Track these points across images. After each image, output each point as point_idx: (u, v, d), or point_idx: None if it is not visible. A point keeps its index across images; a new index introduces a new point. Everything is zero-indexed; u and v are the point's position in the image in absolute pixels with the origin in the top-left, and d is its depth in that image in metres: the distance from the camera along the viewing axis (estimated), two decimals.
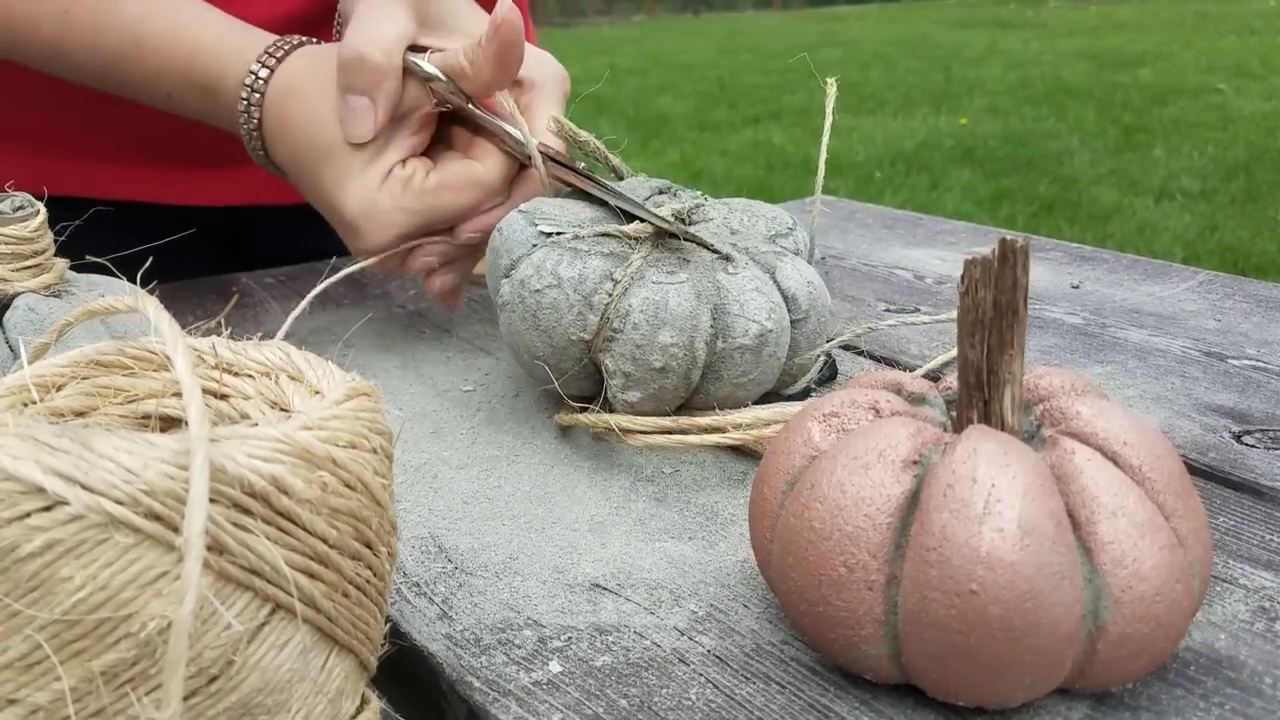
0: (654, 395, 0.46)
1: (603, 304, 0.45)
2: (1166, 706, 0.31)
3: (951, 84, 5.94)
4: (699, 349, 0.45)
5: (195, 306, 0.68)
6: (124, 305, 0.26)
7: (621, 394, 0.46)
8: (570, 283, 0.45)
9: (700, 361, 0.45)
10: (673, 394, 0.46)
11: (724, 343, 0.45)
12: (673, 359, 0.44)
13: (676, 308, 0.44)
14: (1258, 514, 0.41)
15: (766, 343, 0.46)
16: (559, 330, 0.46)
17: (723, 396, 0.46)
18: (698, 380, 0.46)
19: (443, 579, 0.39)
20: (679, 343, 0.44)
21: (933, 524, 0.29)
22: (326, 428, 0.25)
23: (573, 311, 0.45)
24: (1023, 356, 0.32)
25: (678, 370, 0.45)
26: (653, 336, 0.44)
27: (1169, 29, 8.05)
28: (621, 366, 0.45)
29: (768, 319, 0.45)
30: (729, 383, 0.46)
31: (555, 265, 0.46)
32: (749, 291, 0.46)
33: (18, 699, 0.21)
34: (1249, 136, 4.26)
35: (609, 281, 0.45)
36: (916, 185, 3.81)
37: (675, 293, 0.45)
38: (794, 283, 0.48)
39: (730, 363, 0.45)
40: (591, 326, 0.45)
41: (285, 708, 0.24)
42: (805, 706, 0.32)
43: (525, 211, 0.50)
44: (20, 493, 0.21)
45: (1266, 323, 0.61)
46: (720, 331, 0.45)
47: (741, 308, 0.45)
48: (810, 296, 0.48)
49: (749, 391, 0.47)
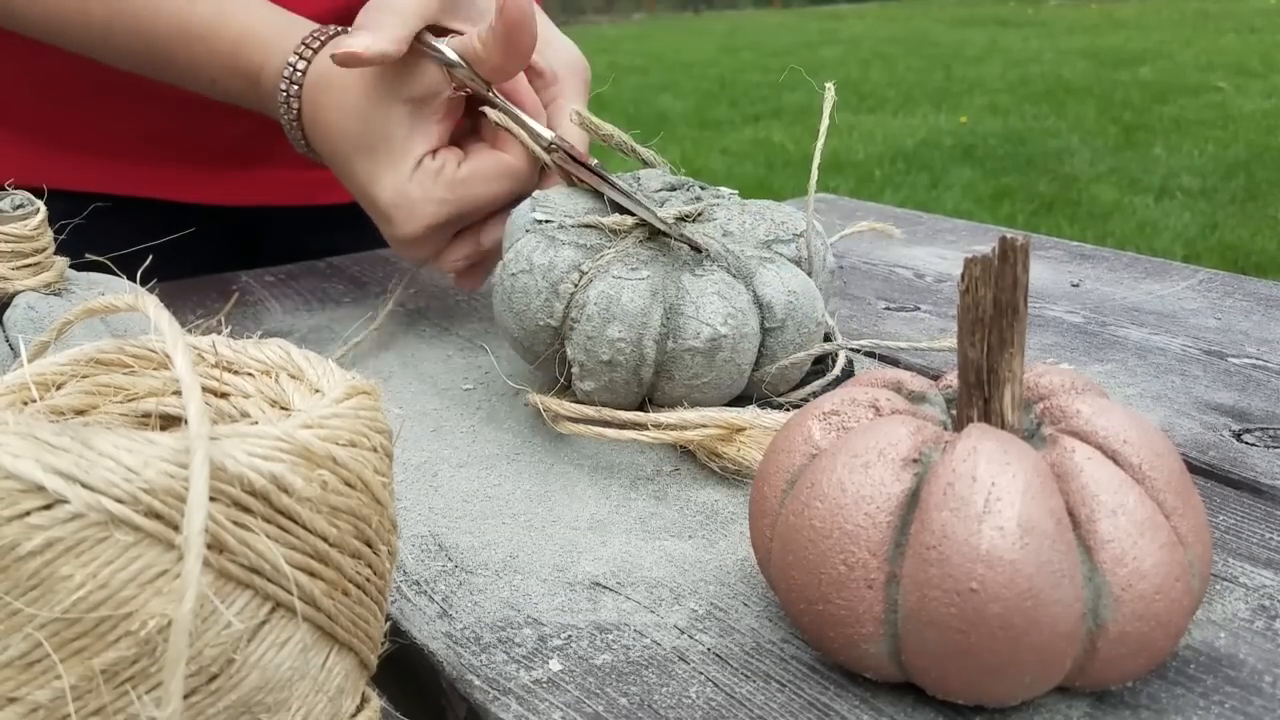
0: (607, 387, 0.47)
1: (568, 293, 0.47)
2: (1166, 705, 0.31)
3: (952, 82, 5.93)
4: (648, 346, 0.46)
5: (195, 305, 0.68)
6: (124, 303, 0.26)
7: (579, 382, 0.47)
8: (541, 270, 0.47)
9: (650, 359, 0.46)
10: (624, 388, 0.47)
11: (674, 343, 0.46)
12: (620, 353, 0.46)
13: (628, 304, 0.45)
14: (1257, 512, 0.41)
15: (720, 348, 0.46)
16: (529, 315, 0.47)
17: (678, 396, 0.47)
18: (650, 378, 0.47)
19: (443, 577, 0.39)
20: (626, 338, 0.45)
21: (933, 522, 0.29)
22: (326, 426, 0.25)
23: (540, 298, 0.47)
24: (1023, 355, 0.32)
25: (625, 365, 0.46)
26: (602, 330, 0.45)
27: (1169, 27, 8.05)
28: (577, 356, 0.46)
29: (723, 324, 0.46)
30: (681, 383, 0.47)
31: (531, 251, 0.48)
32: (709, 295, 0.46)
33: (18, 697, 0.21)
34: (1249, 135, 4.26)
35: (576, 272, 0.47)
36: (917, 184, 3.81)
37: (630, 289, 0.45)
38: (772, 290, 0.47)
39: (681, 364, 0.46)
40: (558, 314, 0.47)
41: (285, 706, 0.24)
42: (805, 705, 0.32)
43: (535, 198, 0.52)
44: (20, 491, 0.21)
45: (1266, 321, 0.61)
46: (671, 332, 0.46)
47: (696, 310, 0.46)
48: (789, 306, 0.47)
49: (706, 394, 0.47)
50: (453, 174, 0.55)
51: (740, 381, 0.48)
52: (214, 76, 0.61)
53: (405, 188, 0.55)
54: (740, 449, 0.44)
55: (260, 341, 0.30)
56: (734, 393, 0.48)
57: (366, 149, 0.56)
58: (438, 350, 0.60)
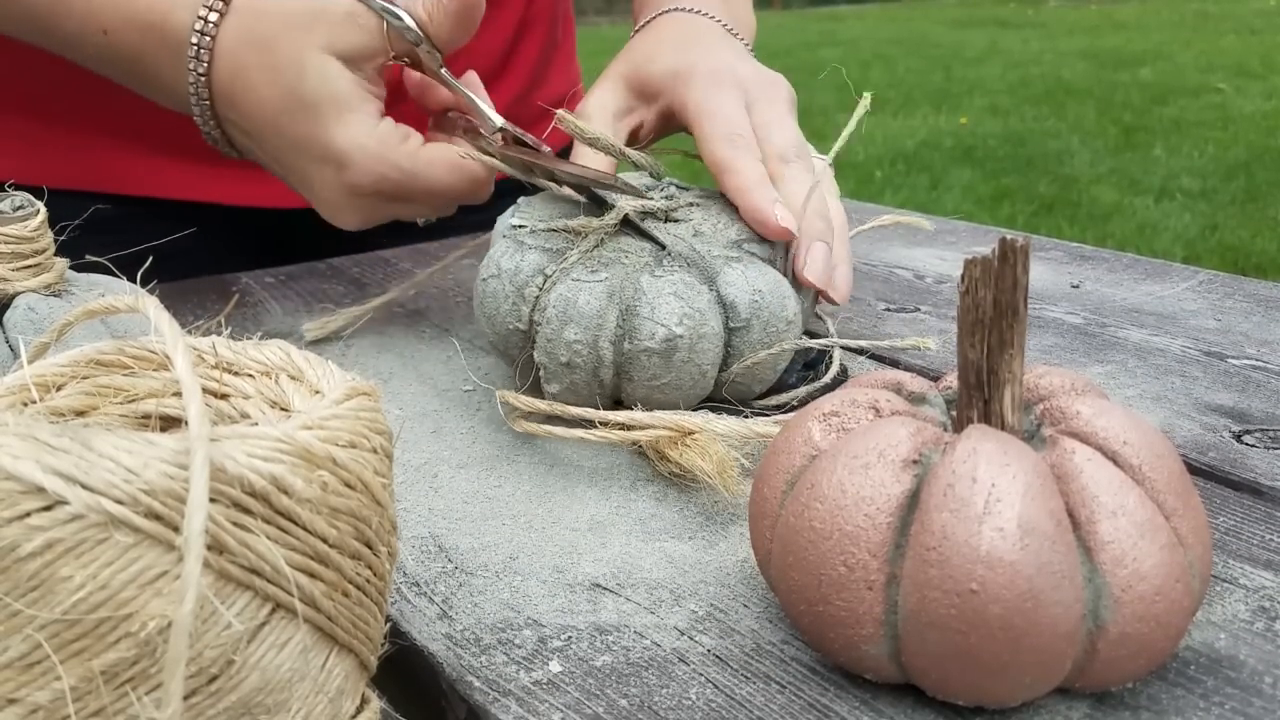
0: (570, 389, 0.47)
1: (533, 297, 0.48)
2: (1166, 706, 0.31)
3: (951, 83, 5.94)
4: (604, 348, 0.46)
5: (195, 306, 0.68)
6: (124, 305, 0.26)
7: (545, 385, 0.48)
8: (508, 274, 0.48)
9: (607, 361, 0.46)
10: (586, 389, 0.47)
11: (630, 344, 0.46)
12: (577, 355, 0.46)
13: (584, 306, 0.46)
14: (1258, 514, 0.41)
15: (676, 348, 0.46)
16: (499, 319, 0.48)
17: (641, 397, 0.47)
18: (611, 379, 0.47)
19: (443, 578, 0.39)
20: (583, 340, 0.46)
21: (933, 523, 0.29)
22: (326, 427, 0.25)
23: (508, 302, 0.48)
24: (1023, 356, 0.32)
25: (584, 367, 0.46)
26: (560, 332, 0.46)
27: (1169, 28, 8.05)
28: (541, 359, 0.47)
29: (678, 324, 0.46)
30: (642, 384, 0.47)
31: (500, 256, 0.49)
32: (665, 295, 0.46)
33: (18, 698, 0.21)
34: (1249, 136, 4.26)
35: (540, 276, 0.48)
36: (917, 185, 3.81)
37: (587, 291, 0.46)
38: (736, 290, 0.47)
39: (638, 365, 0.46)
40: (525, 318, 0.48)
41: (285, 707, 0.24)
42: (805, 706, 0.32)
43: (518, 204, 0.53)
44: (20, 492, 0.21)
45: (1267, 322, 0.61)
46: (627, 333, 0.46)
47: (652, 311, 0.46)
48: (754, 305, 0.47)
49: (669, 395, 0.47)
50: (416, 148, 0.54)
51: (704, 383, 0.48)
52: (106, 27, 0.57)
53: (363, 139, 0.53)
54: (684, 453, 0.44)
55: (260, 343, 0.30)
56: (700, 394, 0.48)
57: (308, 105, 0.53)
58: (438, 351, 0.60)
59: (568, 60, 0.92)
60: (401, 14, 0.53)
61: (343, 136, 0.54)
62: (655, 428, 0.44)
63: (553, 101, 0.88)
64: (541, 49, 0.88)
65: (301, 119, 0.54)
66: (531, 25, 0.86)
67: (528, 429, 0.46)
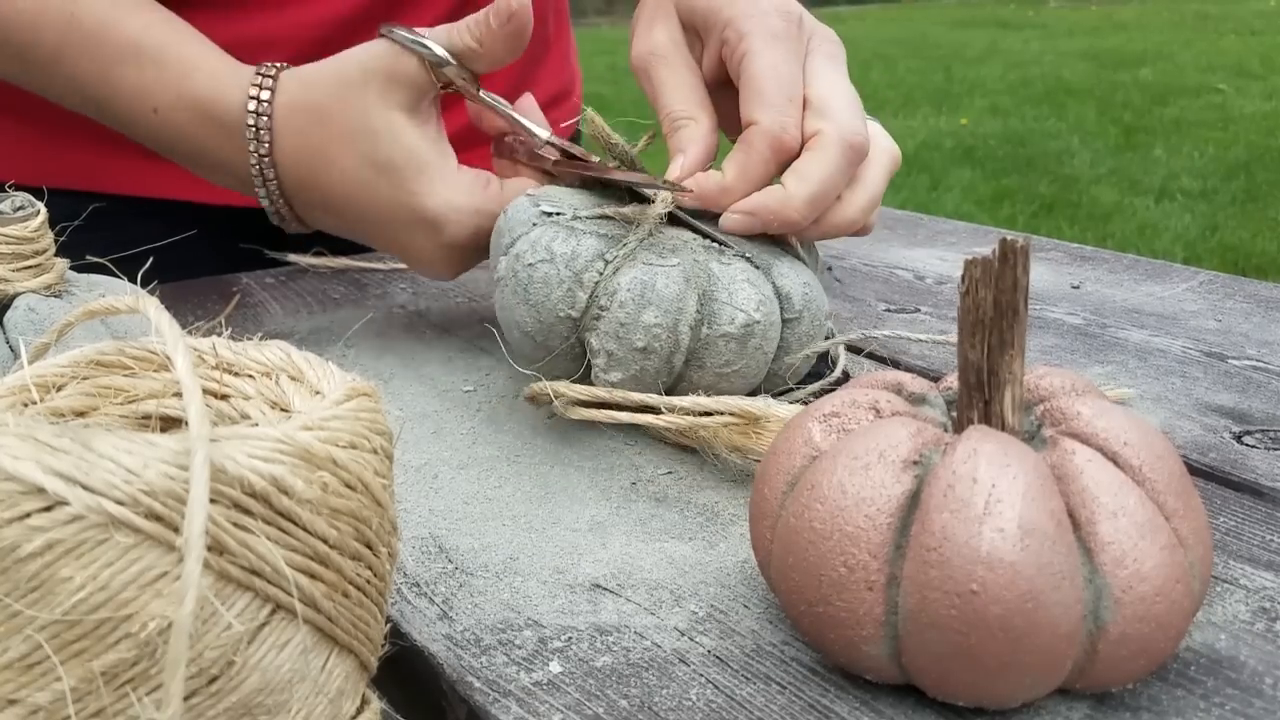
0: (635, 376, 0.46)
1: (592, 282, 0.46)
2: (1167, 707, 0.31)
3: (952, 84, 5.94)
4: (683, 332, 0.45)
5: (196, 307, 0.68)
6: (124, 305, 0.26)
7: (604, 374, 0.46)
8: (563, 259, 0.46)
9: (683, 346, 0.45)
10: (654, 377, 0.46)
11: (709, 329, 0.45)
12: (655, 339, 0.45)
13: (664, 289, 0.45)
14: (1258, 514, 0.41)
15: (753, 334, 0.46)
16: (547, 306, 0.46)
17: (706, 385, 0.47)
18: (680, 366, 0.46)
19: (443, 579, 0.39)
20: (663, 324, 0.45)
21: (933, 524, 0.29)
22: (327, 428, 0.25)
23: (562, 287, 0.46)
24: (1023, 356, 0.32)
25: (660, 352, 0.45)
26: (637, 316, 0.45)
27: (1169, 29, 8.05)
28: (605, 345, 0.46)
29: (756, 310, 0.46)
30: (711, 371, 0.46)
31: (550, 241, 0.47)
32: (739, 281, 0.46)
33: (18, 699, 0.21)
34: (1249, 136, 4.26)
35: (600, 260, 0.46)
36: (917, 185, 3.81)
37: (664, 274, 0.45)
38: (790, 282, 0.48)
39: (714, 350, 0.46)
40: (580, 304, 0.46)
41: (285, 708, 0.24)
42: (805, 707, 0.32)
43: (532, 194, 0.51)
44: (21, 493, 0.21)
45: (1267, 323, 0.61)
46: (706, 317, 0.46)
47: (730, 296, 0.45)
48: (805, 298, 0.48)
49: (732, 383, 0.47)
50: (497, 192, 0.54)
51: (763, 373, 0.48)
52: (158, 105, 0.57)
53: (452, 198, 0.53)
54: (758, 440, 0.43)
55: (260, 343, 0.30)
56: (756, 383, 0.48)
57: (389, 170, 0.53)
58: (438, 352, 0.60)
59: (561, 60, 0.89)
60: (428, 44, 0.53)
61: (432, 200, 0.54)
62: (722, 413, 0.44)
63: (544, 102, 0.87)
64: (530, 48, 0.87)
65: (385, 186, 0.54)
66: None
67: (585, 416, 0.45)
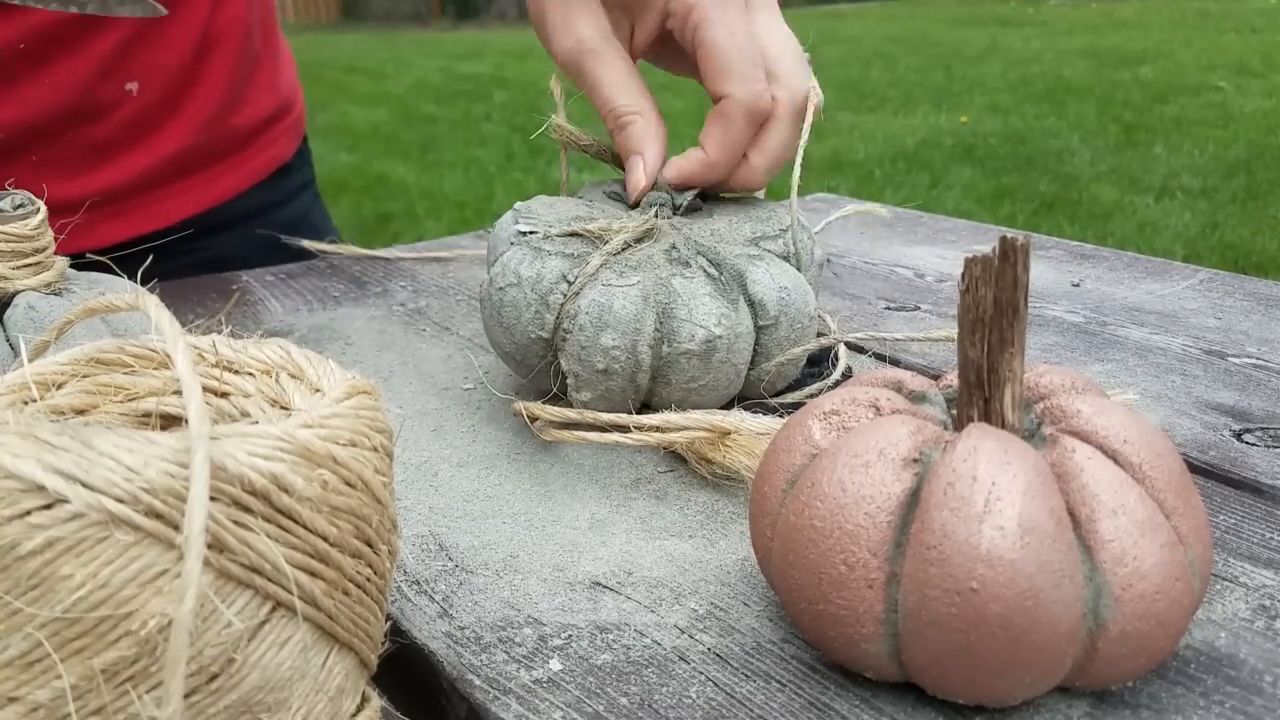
0: (603, 396, 0.46)
1: (558, 304, 0.46)
2: (1166, 704, 0.31)
3: (952, 82, 5.93)
4: (642, 352, 0.45)
5: (196, 304, 0.68)
6: (124, 303, 0.26)
7: (575, 393, 0.47)
8: (528, 282, 0.47)
9: (645, 365, 0.46)
10: (621, 395, 0.46)
11: (669, 347, 0.46)
12: (615, 361, 0.45)
13: (620, 310, 0.45)
14: (1258, 512, 0.41)
15: (715, 349, 0.46)
16: (519, 328, 0.47)
17: (676, 400, 0.47)
18: (647, 383, 0.46)
19: (443, 577, 0.39)
20: (621, 345, 0.45)
21: (933, 522, 0.29)
22: (327, 426, 0.25)
23: (530, 310, 0.46)
24: (1023, 354, 0.32)
25: (621, 373, 0.46)
26: (596, 338, 0.45)
27: (1170, 27, 8.04)
28: (572, 366, 0.46)
29: (717, 325, 0.45)
30: (679, 387, 0.46)
31: (518, 265, 0.47)
32: (700, 296, 0.46)
33: (18, 697, 0.21)
34: (1249, 134, 4.26)
35: (564, 282, 0.46)
36: (917, 183, 3.81)
37: (621, 295, 0.45)
38: (763, 288, 0.47)
39: (677, 367, 0.46)
40: (549, 325, 0.46)
41: (286, 706, 0.24)
42: (805, 704, 0.32)
43: (517, 209, 0.52)
44: (21, 491, 0.21)
45: (1267, 321, 0.61)
46: (666, 335, 0.46)
47: (690, 313, 0.45)
48: (782, 303, 0.47)
49: (704, 397, 0.47)
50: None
51: (737, 382, 0.48)
52: None
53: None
54: (727, 454, 0.43)
55: (260, 341, 0.30)
56: (732, 394, 0.48)
57: None
58: (438, 350, 0.60)
59: (274, 76, 0.84)
60: None
61: None
62: (691, 429, 0.44)
63: (259, 121, 0.80)
64: (235, 65, 0.79)
65: None
66: (218, 41, 0.78)
67: (560, 438, 0.46)
